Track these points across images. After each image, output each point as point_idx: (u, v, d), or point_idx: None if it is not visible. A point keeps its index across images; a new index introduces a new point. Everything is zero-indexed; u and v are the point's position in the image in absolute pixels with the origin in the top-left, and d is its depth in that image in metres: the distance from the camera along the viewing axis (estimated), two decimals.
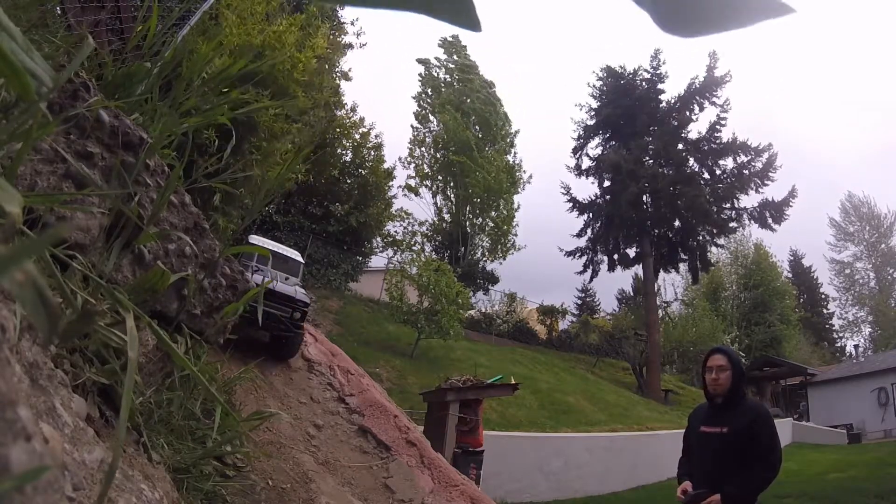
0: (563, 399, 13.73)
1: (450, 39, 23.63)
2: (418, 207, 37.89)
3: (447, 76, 23.65)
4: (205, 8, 3.47)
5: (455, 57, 23.63)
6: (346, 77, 13.99)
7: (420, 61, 23.62)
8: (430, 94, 23.44)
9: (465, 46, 23.83)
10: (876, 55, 74.21)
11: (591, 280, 25.51)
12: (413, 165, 22.60)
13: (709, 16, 0.34)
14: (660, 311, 24.20)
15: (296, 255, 6.49)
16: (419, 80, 23.58)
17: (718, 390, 2.49)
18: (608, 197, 23.53)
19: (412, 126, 23.26)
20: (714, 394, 2.53)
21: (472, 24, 0.32)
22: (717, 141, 22.09)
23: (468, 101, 22.56)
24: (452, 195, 22.63)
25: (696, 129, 22.76)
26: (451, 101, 22.29)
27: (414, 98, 23.51)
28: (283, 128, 6.66)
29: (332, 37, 11.60)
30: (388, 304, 15.31)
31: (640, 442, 11.09)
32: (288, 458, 3.09)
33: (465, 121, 21.65)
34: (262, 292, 4.13)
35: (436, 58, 23.72)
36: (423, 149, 22.89)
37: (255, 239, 6.52)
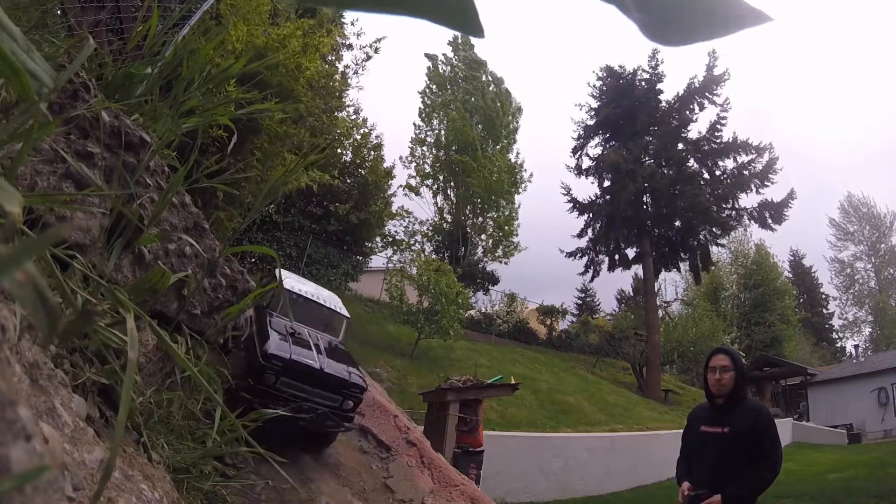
0: (563, 399, 13.73)
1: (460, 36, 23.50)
2: (419, 207, 37.98)
3: (453, 74, 23.57)
4: (205, 8, 3.47)
5: (462, 52, 23.54)
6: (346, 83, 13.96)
7: (428, 56, 23.55)
8: (435, 90, 23.36)
9: (473, 46, 23.76)
10: (875, 55, 74.20)
11: (591, 280, 25.55)
12: (414, 165, 22.59)
13: (693, 26, 0.35)
14: (660, 311, 24.19)
15: (338, 304, 4.52)
16: (426, 75, 23.50)
17: (721, 390, 2.49)
18: (608, 197, 23.54)
19: (415, 124, 23.25)
20: (716, 394, 2.52)
21: (475, 30, 0.32)
22: (718, 140, 22.11)
23: (472, 99, 22.51)
24: (453, 195, 22.62)
25: (696, 129, 22.84)
26: (458, 99, 22.23)
27: (420, 94, 23.47)
28: (286, 131, 6.58)
29: (343, 44, 11.52)
30: (388, 304, 15.33)
31: (640, 442, 11.09)
32: (288, 458, 3.08)
33: (469, 120, 21.61)
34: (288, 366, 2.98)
35: (444, 55, 23.66)
36: (423, 148, 22.88)
37: (287, 276, 4.42)
